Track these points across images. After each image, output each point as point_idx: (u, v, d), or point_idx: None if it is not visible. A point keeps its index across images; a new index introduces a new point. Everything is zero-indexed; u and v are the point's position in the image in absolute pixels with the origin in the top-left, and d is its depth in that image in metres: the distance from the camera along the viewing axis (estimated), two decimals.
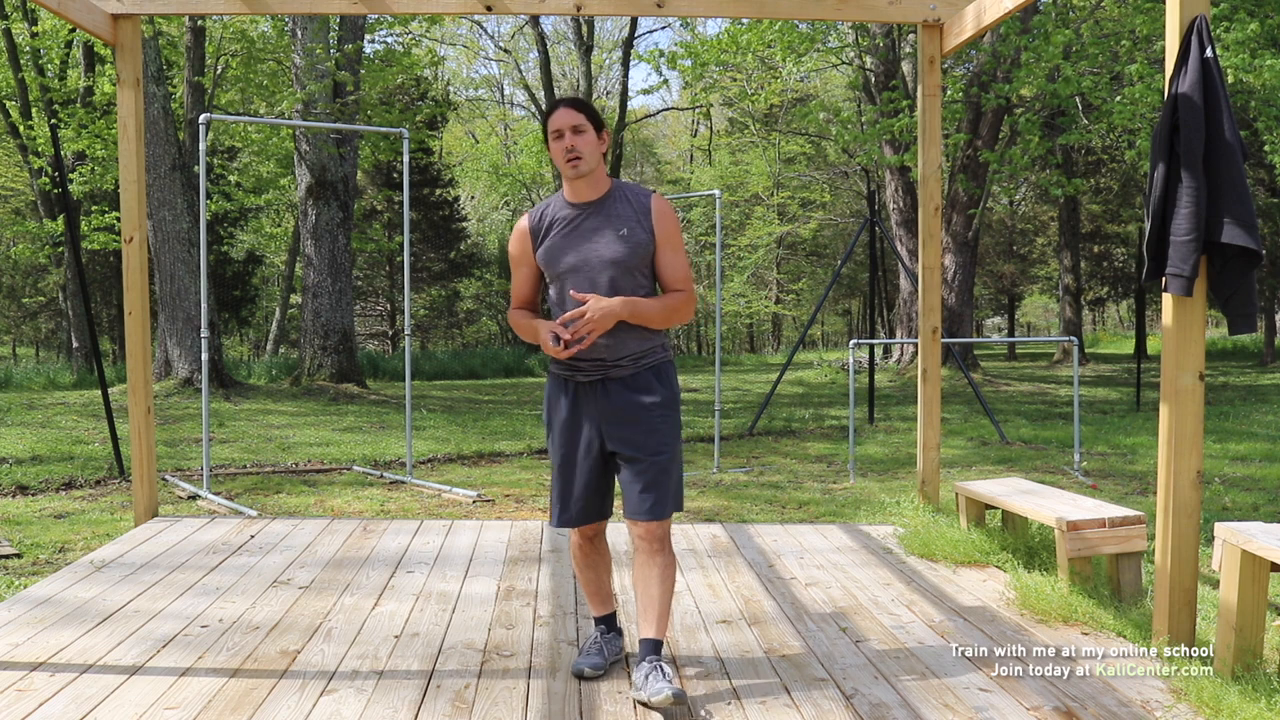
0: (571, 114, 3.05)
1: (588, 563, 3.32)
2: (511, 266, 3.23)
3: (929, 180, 5.40)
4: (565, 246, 3.08)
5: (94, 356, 11.19)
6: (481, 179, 38.30)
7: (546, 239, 3.11)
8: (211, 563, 4.57)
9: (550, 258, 3.09)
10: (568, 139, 3.04)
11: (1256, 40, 11.62)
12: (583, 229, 3.08)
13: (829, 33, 17.42)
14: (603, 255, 3.04)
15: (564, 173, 3.08)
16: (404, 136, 7.41)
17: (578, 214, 3.10)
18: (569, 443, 3.14)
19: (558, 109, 3.07)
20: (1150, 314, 34.09)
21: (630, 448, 3.06)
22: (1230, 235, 3.22)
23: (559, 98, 3.20)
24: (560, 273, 3.08)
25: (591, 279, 3.03)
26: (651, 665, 2.98)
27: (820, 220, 32.93)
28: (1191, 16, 3.32)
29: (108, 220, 17.76)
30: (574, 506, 3.17)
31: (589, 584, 3.36)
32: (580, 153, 3.03)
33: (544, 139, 3.17)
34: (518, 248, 3.19)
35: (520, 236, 3.17)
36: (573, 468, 3.14)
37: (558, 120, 3.05)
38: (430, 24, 19.49)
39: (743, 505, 6.72)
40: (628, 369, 3.07)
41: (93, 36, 5.63)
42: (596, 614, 3.38)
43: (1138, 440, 9.77)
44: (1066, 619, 3.79)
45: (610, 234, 3.05)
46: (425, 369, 21.20)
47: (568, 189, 3.13)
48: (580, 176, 3.06)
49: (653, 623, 3.05)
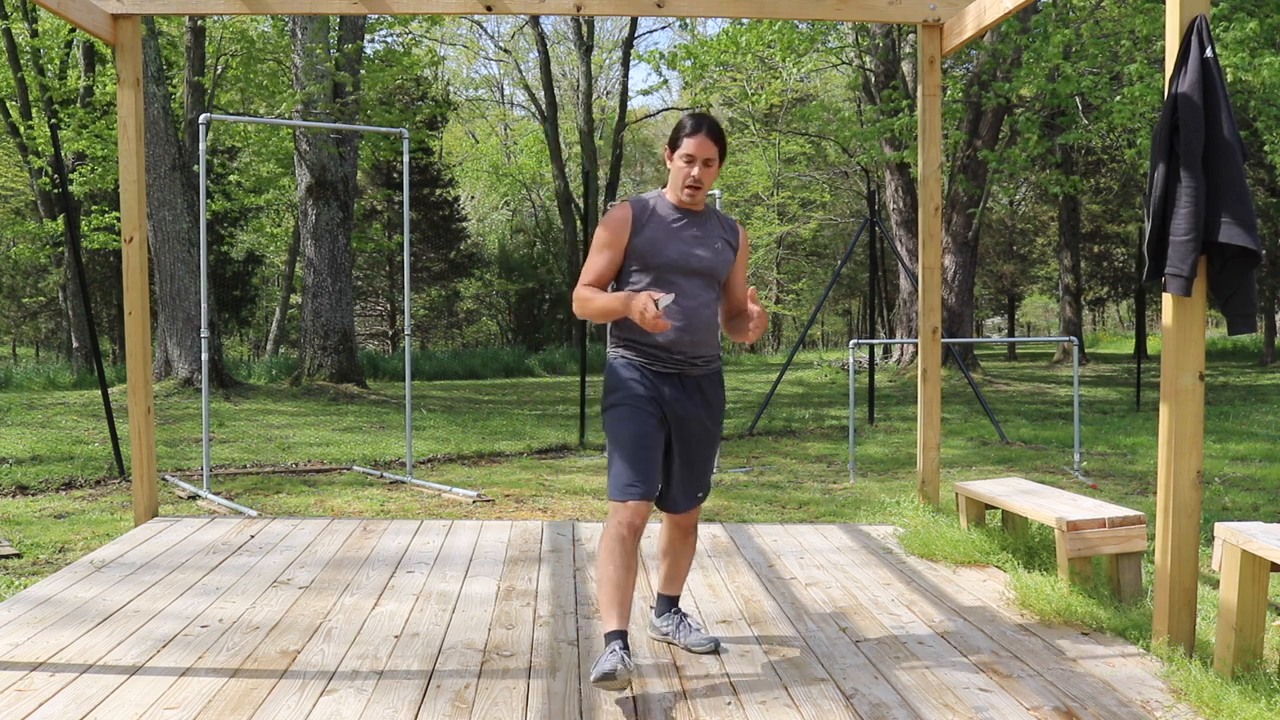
0: (709, 145, 3.14)
1: (629, 561, 3.06)
2: (596, 247, 3.22)
3: (929, 180, 5.40)
4: (669, 241, 3.19)
5: (94, 356, 11.19)
6: (481, 179, 38.30)
7: (648, 229, 3.19)
8: (211, 563, 4.57)
9: (653, 247, 3.17)
10: (698, 170, 3.15)
11: (1256, 39, 11.62)
12: (685, 233, 3.21)
13: (829, 33, 17.42)
14: (700, 258, 3.20)
15: (677, 193, 3.21)
16: (404, 136, 7.42)
17: (681, 217, 3.24)
18: (648, 418, 3.16)
19: (699, 134, 3.14)
20: (1150, 314, 34.11)
21: (695, 442, 3.27)
22: (1228, 235, 3.22)
23: (700, 119, 3.16)
24: (659, 264, 3.17)
25: (684, 277, 3.18)
26: (680, 617, 3.49)
27: (820, 220, 32.95)
28: (1191, 16, 3.32)
29: (108, 220, 17.76)
30: (651, 479, 3.11)
31: (621, 587, 3.05)
32: (702, 184, 3.17)
33: (669, 146, 3.21)
34: (614, 231, 3.20)
35: (620, 222, 3.20)
36: (649, 442, 3.13)
37: (695, 147, 3.14)
38: (430, 24, 19.49)
39: (743, 505, 6.72)
40: (701, 369, 3.26)
41: (93, 36, 5.63)
42: (618, 627, 3.03)
43: (1138, 440, 9.77)
44: (1066, 619, 3.79)
45: (707, 244, 3.23)
46: (425, 369, 21.20)
47: (673, 195, 3.24)
48: (694, 205, 3.23)
49: (678, 584, 3.49)
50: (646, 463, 3.11)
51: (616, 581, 3.05)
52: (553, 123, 29.48)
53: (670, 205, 3.25)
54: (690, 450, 3.28)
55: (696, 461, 3.30)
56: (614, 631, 3.02)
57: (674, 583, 3.49)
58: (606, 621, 3.05)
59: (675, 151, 3.18)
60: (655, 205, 3.24)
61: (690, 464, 3.29)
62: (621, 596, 3.05)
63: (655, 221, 3.21)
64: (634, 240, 3.19)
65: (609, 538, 3.09)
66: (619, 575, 3.05)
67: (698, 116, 3.18)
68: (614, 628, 3.03)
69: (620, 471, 3.12)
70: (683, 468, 3.29)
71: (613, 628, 3.03)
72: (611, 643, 2.99)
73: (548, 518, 6.26)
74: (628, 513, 3.07)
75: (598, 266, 3.21)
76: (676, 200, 3.24)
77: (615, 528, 3.08)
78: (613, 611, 3.04)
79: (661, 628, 3.52)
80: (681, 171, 3.17)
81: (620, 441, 3.14)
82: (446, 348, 32.46)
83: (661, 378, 3.21)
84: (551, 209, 35.71)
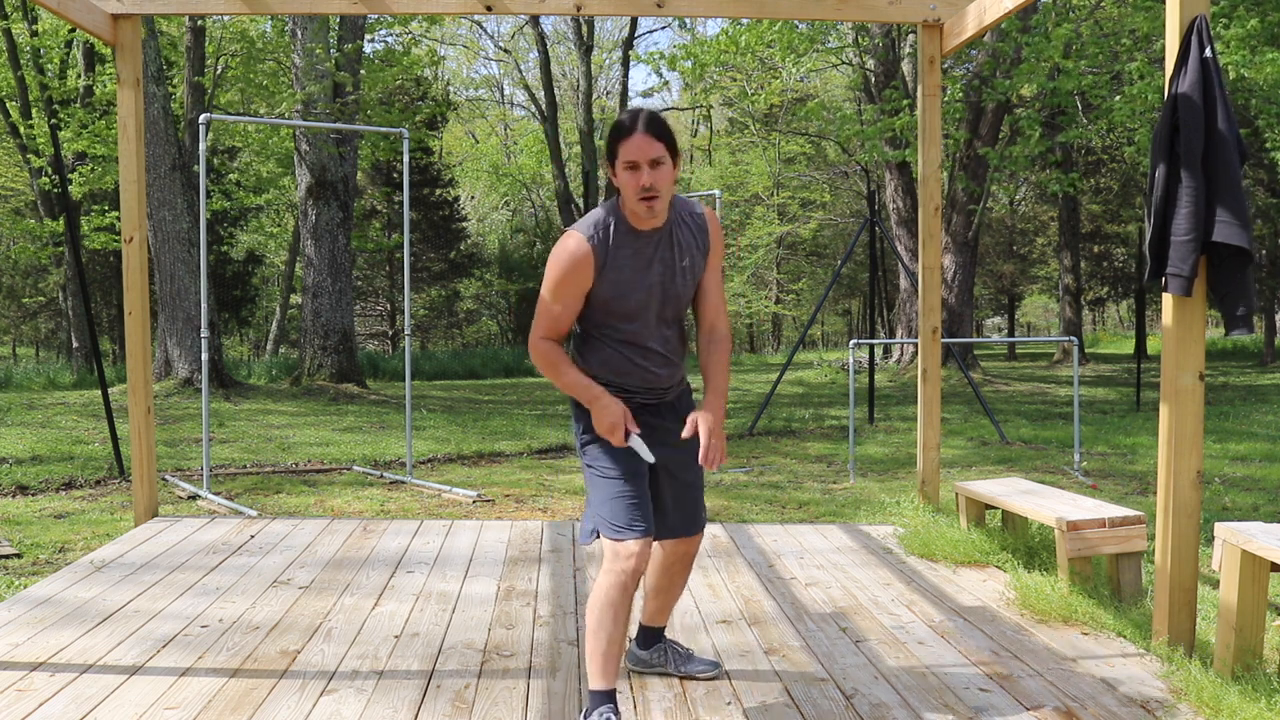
0: (650, 144, 2.57)
1: (627, 612, 2.68)
2: (553, 292, 2.68)
3: (929, 180, 5.40)
4: (634, 280, 2.71)
5: (94, 356, 11.19)
6: (481, 179, 38.33)
7: (609, 270, 2.69)
8: (211, 563, 4.57)
9: (616, 292, 2.70)
10: (645, 176, 2.58)
11: (1256, 37, 11.63)
12: (653, 265, 2.73)
13: (829, 33, 17.42)
14: (668, 292, 2.75)
15: (634, 209, 2.65)
16: (404, 136, 7.42)
17: (642, 244, 2.72)
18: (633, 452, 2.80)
19: (634, 134, 2.58)
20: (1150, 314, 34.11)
21: (685, 458, 2.94)
22: (1222, 234, 3.22)
23: (634, 115, 2.59)
24: (626, 310, 2.73)
25: (658, 318, 2.78)
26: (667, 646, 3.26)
27: (820, 220, 32.95)
28: (1191, 16, 3.31)
29: (108, 220, 17.78)
30: (649, 514, 2.75)
31: (616, 641, 2.67)
32: (658, 192, 2.60)
33: (608, 158, 2.64)
34: (578, 275, 2.66)
35: (584, 264, 2.65)
36: (641, 475, 2.78)
37: (634, 150, 2.57)
38: (430, 24, 19.49)
39: (743, 505, 6.72)
40: (673, 393, 2.95)
41: (93, 36, 5.63)
42: (609, 686, 2.68)
43: (1138, 440, 9.77)
44: (1066, 619, 3.79)
45: (675, 267, 2.76)
46: (425, 369, 21.21)
47: (630, 214, 2.70)
48: (654, 217, 2.66)
49: (666, 615, 3.24)
50: (641, 496, 2.74)
51: (613, 636, 2.66)
52: (553, 123, 29.47)
53: (629, 229, 2.70)
54: (681, 470, 2.95)
55: (691, 481, 2.98)
56: (606, 691, 2.68)
57: (664, 614, 3.20)
58: (594, 679, 2.67)
59: (616, 162, 2.61)
60: (612, 237, 2.68)
61: (685, 484, 2.96)
62: (617, 651, 2.69)
63: (616, 259, 2.68)
64: (595, 285, 2.69)
65: (610, 586, 2.66)
66: (616, 630, 2.66)
67: (631, 113, 2.61)
68: (605, 687, 2.68)
69: (616, 510, 2.71)
70: (678, 489, 2.95)
71: (603, 687, 2.68)
72: (600, 705, 2.66)
73: (548, 518, 6.26)
74: (633, 558, 2.66)
75: (555, 315, 2.70)
76: (634, 219, 2.68)
77: (618, 575, 2.65)
78: (606, 668, 2.68)
79: (650, 660, 3.25)
80: (629, 184, 2.59)
81: (608, 475, 2.74)
82: (446, 348, 32.48)
83: (639, 408, 2.89)
84: (551, 209, 35.73)
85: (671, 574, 3.09)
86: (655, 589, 3.14)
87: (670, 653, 3.25)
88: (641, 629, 3.25)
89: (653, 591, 3.15)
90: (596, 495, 2.77)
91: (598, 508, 2.76)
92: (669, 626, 3.71)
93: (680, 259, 2.77)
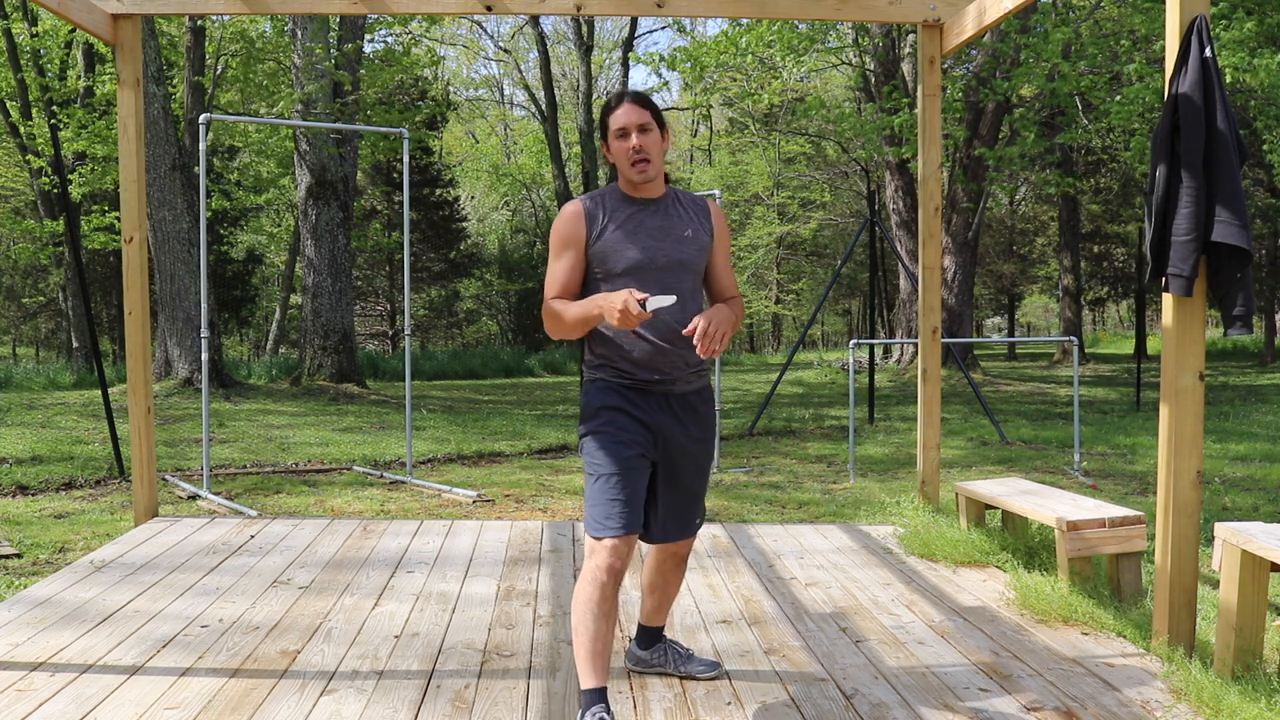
0: (637, 111, 2.78)
1: (610, 609, 2.68)
2: (554, 251, 2.83)
3: (929, 180, 5.40)
4: (629, 239, 2.80)
5: (94, 356, 11.19)
6: (481, 179, 38.33)
7: (604, 229, 2.81)
8: (211, 563, 4.57)
9: (613, 250, 2.79)
10: (634, 139, 2.77)
11: (1255, 39, 11.63)
12: (646, 226, 2.83)
13: (829, 33, 17.42)
14: (672, 256, 2.82)
15: (628, 176, 2.82)
16: (404, 136, 7.42)
17: (638, 208, 2.85)
18: (629, 444, 2.78)
19: (622, 104, 2.80)
20: (1150, 314, 34.11)
21: (688, 464, 2.93)
22: (1221, 234, 3.22)
23: (620, 93, 2.90)
24: (621, 271, 2.79)
25: (663, 281, 2.80)
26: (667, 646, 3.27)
27: (820, 220, 32.96)
28: (1191, 16, 3.32)
29: (108, 220, 17.77)
30: (634, 512, 2.74)
31: (602, 638, 2.68)
32: (648, 154, 2.78)
33: (601, 136, 2.85)
34: (569, 229, 2.81)
35: (574, 218, 2.81)
36: (635, 473, 2.77)
37: (623, 117, 2.78)
38: (430, 24, 19.49)
39: (743, 505, 6.72)
40: (689, 383, 2.92)
41: (93, 36, 5.63)
42: (599, 684, 2.67)
43: (1138, 440, 9.77)
44: (1066, 619, 3.79)
45: (676, 234, 2.85)
46: (425, 369, 21.21)
47: (625, 185, 2.87)
48: (648, 182, 2.82)
49: (664, 614, 3.24)
50: (628, 494, 2.73)
51: (596, 633, 2.66)
52: (553, 123, 29.48)
53: (623, 198, 2.86)
54: (683, 474, 2.92)
55: (690, 486, 2.95)
56: (596, 689, 2.66)
57: (661, 613, 3.20)
58: (585, 678, 2.67)
59: (608, 135, 2.82)
60: (607, 200, 2.85)
61: (684, 489, 2.94)
62: (602, 648, 2.67)
63: (611, 219, 2.82)
64: (591, 244, 2.81)
65: (586, 583, 2.69)
66: (599, 625, 2.66)
67: (617, 93, 2.84)
68: (595, 685, 2.66)
69: (599, 505, 2.73)
70: (675, 494, 2.93)
71: (594, 685, 2.66)
72: (594, 705, 2.64)
73: (548, 518, 6.26)
74: (607, 554, 2.68)
75: (561, 273, 2.82)
76: (630, 189, 2.86)
77: (593, 571, 2.69)
78: (594, 666, 2.66)
79: (650, 660, 3.26)
80: (622, 149, 2.78)
81: (598, 471, 2.77)
82: (446, 348, 32.48)
83: (645, 397, 2.85)
84: (551, 209, 35.72)
85: (664, 572, 3.11)
86: (649, 587, 3.16)
87: (670, 653, 3.26)
88: (640, 628, 3.26)
89: (647, 589, 3.17)
90: (587, 491, 2.82)
91: (586, 503, 2.81)
92: (669, 626, 3.72)
93: (681, 228, 2.87)
